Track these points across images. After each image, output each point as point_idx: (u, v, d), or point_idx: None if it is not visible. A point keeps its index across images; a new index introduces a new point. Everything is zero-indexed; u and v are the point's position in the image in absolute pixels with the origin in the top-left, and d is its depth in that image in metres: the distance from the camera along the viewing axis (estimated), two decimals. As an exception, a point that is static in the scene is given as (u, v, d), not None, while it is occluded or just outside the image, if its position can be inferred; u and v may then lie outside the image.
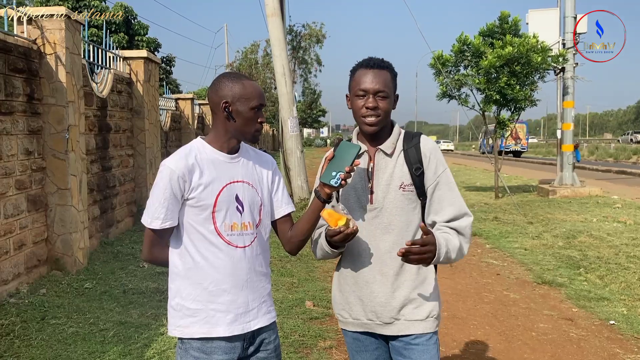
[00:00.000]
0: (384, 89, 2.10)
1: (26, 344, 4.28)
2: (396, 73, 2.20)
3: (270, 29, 11.77)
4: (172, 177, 1.94)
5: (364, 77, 2.12)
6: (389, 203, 2.14)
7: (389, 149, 2.18)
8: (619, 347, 4.42)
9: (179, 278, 2.01)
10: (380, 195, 2.14)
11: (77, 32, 6.73)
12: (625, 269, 6.59)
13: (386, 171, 2.16)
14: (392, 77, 2.15)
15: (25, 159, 5.91)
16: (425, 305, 2.15)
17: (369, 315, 2.17)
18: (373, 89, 2.10)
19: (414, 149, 2.17)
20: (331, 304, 5.28)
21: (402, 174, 2.15)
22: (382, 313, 2.15)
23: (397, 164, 2.16)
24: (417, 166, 2.15)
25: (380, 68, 2.13)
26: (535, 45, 12.43)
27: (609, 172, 23.71)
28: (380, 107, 2.10)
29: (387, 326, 2.16)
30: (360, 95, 2.12)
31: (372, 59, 2.16)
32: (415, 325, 2.14)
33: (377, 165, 2.18)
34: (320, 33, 25.51)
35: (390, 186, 2.14)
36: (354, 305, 2.20)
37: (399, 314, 2.14)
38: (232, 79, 2.02)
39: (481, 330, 4.83)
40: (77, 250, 6.48)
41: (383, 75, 2.12)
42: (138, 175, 9.94)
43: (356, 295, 2.19)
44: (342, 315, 2.26)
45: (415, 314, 2.14)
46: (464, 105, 13.67)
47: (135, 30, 27.86)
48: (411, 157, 2.16)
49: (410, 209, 2.15)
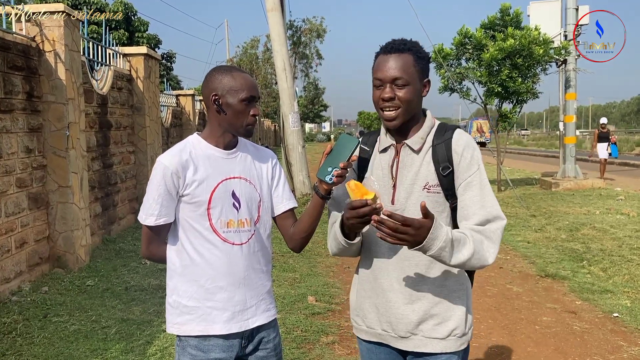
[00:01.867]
0: (402, 76, 1.83)
1: (28, 342, 4.29)
2: (425, 54, 1.92)
3: (270, 24, 11.73)
4: (166, 173, 1.91)
5: (381, 63, 1.87)
6: (412, 205, 1.88)
7: (416, 144, 1.91)
8: (623, 340, 4.40)
9: (176, 275, 1.99)
10: (403, 196, 1.90)
11: (77, 29, 6.71)
12: (628, 261, 6.56)
13: (411, 169, 1.91)
14: (415, 61, 1.86)
15: (26, 156, 5.90)
16: (448, 322, 1.90)
17: (383, 326, 1.96)
18: (389, 76, 1.84)
19: (443, 145, 1.90)
20: (333, 300, 5.30)
21: (427, 173, 1.89)
22: (398, 325, 1.92)
23: (424, 162, 1.90)
24: (445, 165, 1.88)
25: (400, 52, 1.86)
26: (537, 37, 12.36)
27: (612, 164, 23.62)
28: (399, 96, 1.84)
29: (402, 340, 1.93)
30: (377, 85, 1.88)
31: (394, 42, 1.90)
32: (434, 344, 1.90)
33: (402, 161, 1.93)
34: (321, 28, 25.41)
35: (414, 186, 1.89)
36: (368, 312, 2.00)
37: (417, 329, 1.91)
38: (222, 72, 1.99)
39: (484, 323, 4.82)
40: (79, 248, 6.48)
41: (403, 60, 1.84)
42: (139, 172, 9.93)
43: (372, 302, 1.98)
44: (356, 321, 2.07)
45: (435, 331, 1.90)
46: (465, 98, 13.63)
47: (136, 26, 27.84)
48: (439, 154, 1.89)
49: (436, 212, 1.83)
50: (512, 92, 12.72)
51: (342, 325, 4.66)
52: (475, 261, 1.79)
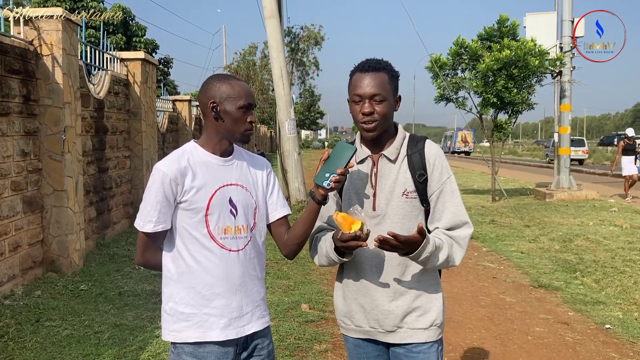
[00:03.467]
0: (380, 92, 2.02)
1: (20, 347, 4.26)
2: (397, 73, 2.11)
3: (268, 31, 11.77)
4: (165, 180, 1.93)
5: (359, 81, 2.05)
6: (392, 210, 2.08)
7: (392, 154, 2.11)
8: (615, 352, 4.42)
9: (172, 282, 2.00)
10: (383, 202, 2.09)
11: (74, 33, 6.72)
12: (621, 273, 6.59)
13: (390, 177, 2.10)
14: (390, 79, 2.07)
15: (21, 160, 5.90)
16: (428, 313, 2.12)
17: (371, 323, 2.14)
18: (368, 93, 2.02)
19: (417, 154, 2.11)
20: (327, 307, 5.30)
21: (405, 180, 2.09)
22: (385, 321, 2.11)
23: (401, 170, 2.10)
24: (421, 172, 2.09)
25: (376, 70, 2.05)
26: (532, 48, 12.45)
27: (605, 175, 23.73)
28: (377, 111, 2.03)
29: (389, 334, 2.12)
30: (356, 101, 2.06)
31: (369, 61, 2.09)
32: (418, 334, 2.10)
33: (381, 171, 2.11)
34: (319, 35, 25.53)
35: (393, 193, 2.09)
36: (356, 312, 2.17)
37: (402, 322, 2.10)
38: (219, 80, 2.03)
39: (477, 333, 4.83)
40: (73, 252, 6.46)
41: (379, 78, 2.04)
42: (135, 176, 9.92)
43: (358, 303, 2.15)
44: (344, 322, 2.23)
45: (419, 322, 2.11)
46: (461, 108, 13.70)
47: (133, 31, 27.83)
48: (415, 163, 2.10)
49: (413, 216, 2.10)
50: (507, 103, 12.80)
51: (336, 333, 4.65)
52: (446, 263, 2.07)
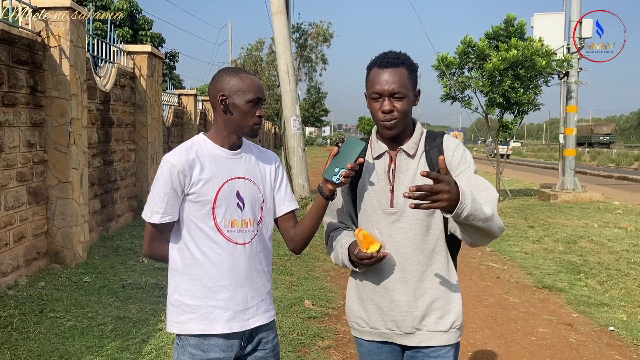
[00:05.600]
0: (400, 90, 1.95)
1: (24, 337, 4.27)
2: (415, 66, 2.03)
3: (275, 26, 11.76)
4: (173, 171, 1.93)
5: (378, 77, 1.97)
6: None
7: (411, 149, 2.05)
8: (618, 354, 4.40)
9: (178, 274, 2.00)
10: (402, 199, 1.99)
11: (82, 25, 6.72)
12: (625, 275, 6.57)
13: (408, 173, 2.03)
14: (409, 73, 1.99)
15: (27, 151, 5.90)
16: (448, 315, 2.03)
17: (388, 325, 2.05)
18: (387, 90, 1.95)
19: (436, 150, 2.04)
20: (330, 304, 5.30)
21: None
22: (403, 322, 2.02)
23: (420, 166, 2.03)
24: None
25: (395, 66, 1.97)
26: (539, 49, 12.39)
27: (610, 177, 23.66)
28: (397, 108, 1.96)
29: (407, 336, 2.03)
30: (375, 98, 1.99)
31: (387, 56, 2.01)
32: (438, 337, 2.02)
33: (399, 166, 2.05)
34: (328, 32, 25.45)
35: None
36: (372, 314, 2.08)
37: (421, 324, 2.02)
38: (229, 73, 2.02)
39: (480, 333, 4.82)
40: (77, 244, 6.47)
41: (399, 74, 1.96)
42: (139, 170, 9.93)
43: (375, 304, 2.07)
44: (358, 323, 2.14)
45: (439, 324, 2.02)
46: (467, 107, 13.65)
47: (140, 24, 27.85)
48: (433, 158, 2.02)
49: (432, 212, 2.00)
50: (513, 103, 12.74)
51: (339, 330, 4.65)
52: (497, 219, 1.89)
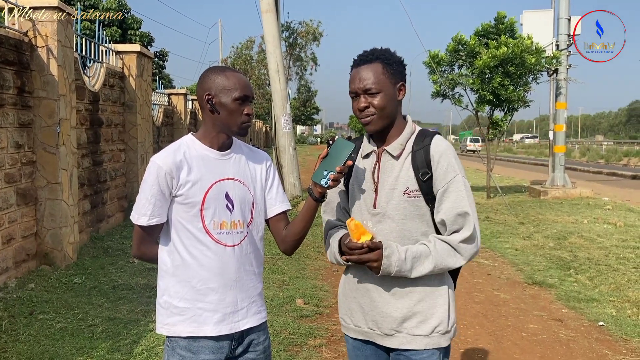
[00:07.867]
0: (372, 86, 1.93)
1: (13, 339, 4.24)
2: (393, 60, 1.98)
3: (264, 25, 11.73)
4: (160, 173, 1.91)
5: (352, 76, 1.99)
6: (392, 209, 1.97)
7: (395, 150, 2.00)
8: (608, 349, 4.44)
9: (167, 276, 1.99)
10: (384, 200, 1.98)
11: (70, 25, 6.67)
12: (615, 271, 6.62)
13: (391, 174, 1.99)
14: (384, 67, 1.95)
15: (15, 152, 5.85)
16: (431, 319, 1.98)
17: (369, 324, 2.05)
18: (360, 88, 1.95)
19: (422, 151, 1.97)
20: (322, 302, 5.30)
21: (407, 178, 1.96)
22: (383, 323, 2.01)
23: (404, 168, 1.98)
24: (425, 171, 1.95)
25: (368, 62, 1.96)
26: (529, 46, 12.46)
27: (600, 173, 23.84)
28: (373, 104, 1.94)
29: (387, 337, 2.01)
30: (353, 97, 1.99)
31: (361, 55, 2.00)
32: (417, 341, 1.97)
33: (383, 167, 2.01)
34: (317, 31, 25.46)
35: (394, 191, 1.97)
36: (355, 312, 2.10)
37: (401, 327, 1.99)
38: (215, 72, 2.00)
39: (471, 330, 4.84)
40: (67, 245, 6.43)
41: (372, 69, 1.94)
42: (129, 170, 9.88)
43: (357, 302, 2.08)
44: (345, 320, 2.16)
45: (419, 328, 1.98)
46: (457, 104, 13.70)
47: (129, 24, 27.64)
48: (418, 160, 1.96)
49: (416, 216, 1.97)
50: (503, 100, 12.80)
51: (330, 329, 4.66)
52: (439, 270, 1.95)
